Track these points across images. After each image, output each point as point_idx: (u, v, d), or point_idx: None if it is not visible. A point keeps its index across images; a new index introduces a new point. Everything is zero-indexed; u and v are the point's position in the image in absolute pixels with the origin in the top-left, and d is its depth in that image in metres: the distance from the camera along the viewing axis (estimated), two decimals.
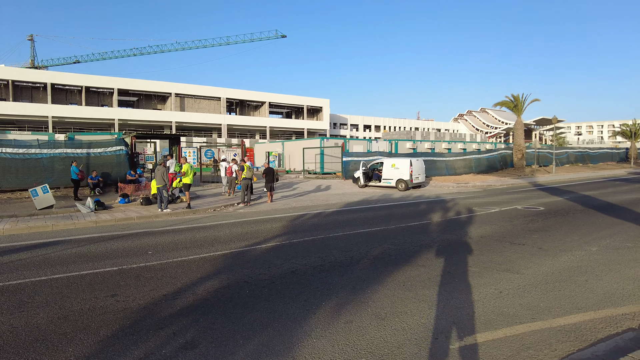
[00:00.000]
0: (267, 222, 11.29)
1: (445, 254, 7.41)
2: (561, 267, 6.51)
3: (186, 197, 13.74)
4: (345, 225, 10.50)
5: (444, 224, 10.58)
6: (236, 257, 7.38)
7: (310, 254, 7.45)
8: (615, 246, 7.89)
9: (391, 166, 21.53)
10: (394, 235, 9.18)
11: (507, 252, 7.50)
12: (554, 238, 8.67)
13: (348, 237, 9.03)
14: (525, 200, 15.51)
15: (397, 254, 7.40)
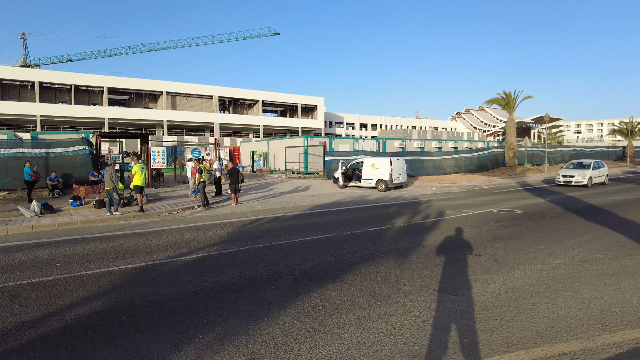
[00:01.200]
0: (215, 227, 10.38)
1: (384, 267, 6.48)
2: (512, 285, 5.58)
3: (139, 199, 12.84)
4: (296, 232, 9.58)
5: (403, 230, 9.65)
6: (147, 271, 6.47)
7: (231, 268, 6.53)
8: (582, 258, 6.94)
9: (371, 166, 20.59)
10: (342, 243, 8.26)
11: (456, 265, 6.57)
12: (518, 248, 7.73)
13: (289, 246, 8.11)
14: (505, 202, 14.55)
15: (329, 268, 6.48)
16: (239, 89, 68.48)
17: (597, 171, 21.15)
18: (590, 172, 20.36)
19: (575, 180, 19.99)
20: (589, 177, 20.07)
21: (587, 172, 20.25)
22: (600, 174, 21.48)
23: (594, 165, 21.20)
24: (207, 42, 71.76)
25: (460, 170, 30.65)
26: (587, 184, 19.85)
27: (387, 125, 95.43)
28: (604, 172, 21.81)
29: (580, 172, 20.24)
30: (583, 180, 19.82)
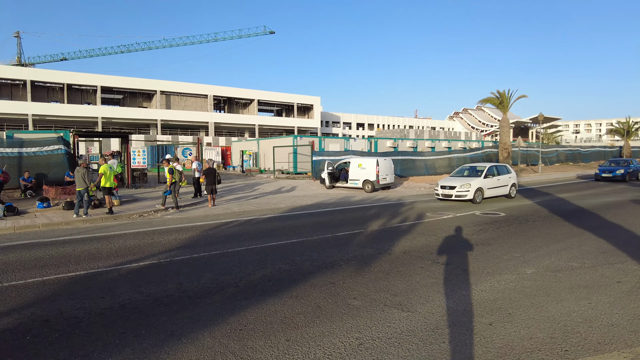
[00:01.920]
0: (180, 231, 9.86)
1: (340, 277, 5.95)
2: (474, 299, 5.05)
3: (107, 200, 12.32)
4: (262, 237, 9.05)
5: (376, 234, 9.13)
6: (83, 281, 5.96)
7: (174, 279, 6.01)
8: (557, 267, 6.42)
9: (358, 166, 20.06)
10: (305, 249, 7.74)
11: (419, 276, 6.04)
12: (491, 255, 7.21)
13: (247, 253, 7.59)
14: (489, 204, 14.03)
15: (280, 279, 5.96)
16: (234, 88, 67.92)
17: (492, 180, 15.19)
18: (480, 181, 14.67)
19: (457, 192, 14.34)
20: (477, 189, 14.34)
21: (474, 182, 14.50)
22: (500, 183, 15.49)
23: (488, 172, 15.24)
24: (202, 41, 71.26)
25: (452, 170, 30.08)
26: (472, 199, 14.21)
27: (384, 125, 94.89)
28: (506, 180, 15.80)
29: (465, 182, 14.53)
30: (467, 193, 14.19)
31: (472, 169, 16.22)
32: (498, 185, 15.45)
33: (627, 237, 8.50)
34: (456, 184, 14.59)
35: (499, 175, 15.68)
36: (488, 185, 15.01)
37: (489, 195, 14.98)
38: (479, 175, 15.21)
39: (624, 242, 8.09)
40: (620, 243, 7.98)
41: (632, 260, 6.74)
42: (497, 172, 15.73)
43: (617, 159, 25.75)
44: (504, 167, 16.58)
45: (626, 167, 23.77)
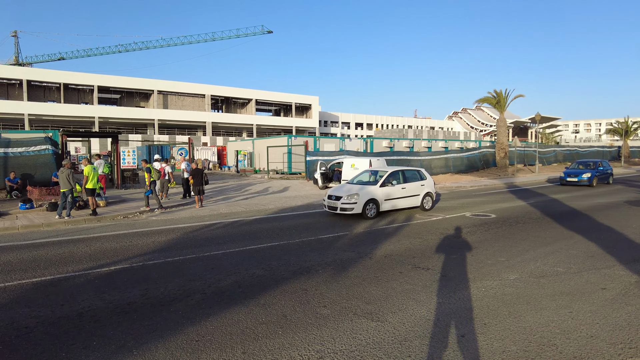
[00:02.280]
0: (160, 233, 9.61)
1: (314, 283, 5.71)
2: (448, 308, 4.81)
3: (90, 201, 12.07)
4: (242, 240, 8.81)
5: (360, 237, 8.88)
6: (46, 287, 5.71)
7: (141, 284, 5.77)
8: (541, 272, 6.17)
9: (351, 166, 19.77)
10: (284, 253, 7.50)
11: (396, 281, 5.80)
12: (475, 260, 6.96)
13: (223, 257, 7.35)
14: (482, 205, 13.78)
15: (250, 285, 5.71)
16: (231, 88, 67.71)
17: (393, 188, 11.88)
18: (373, 191, 11.42)
19: (342, 205, 11.10)
20: (368, 201, 11.11)
21: (364, 192, 11.25)
22: (406, 192, 12.11)
23: (388, 179, 11.92)
24: (199, 41, 71.04)
25: (449, 170, 29.87)
26: (362, 213, 11.13)
27: (383, 124, 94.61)
28: (416, 189, 12.44)
29: (353, 192, 11.23)
30: (353, 206, 10.93)
31: (374, 174, 12.93)
32: (404, 195, 12.15)
33: (617, 240, 8.26)
34: (343, 194, 11.38)
35: (406, 182, 12.35)
36: (387, 195, 11.73)
37: (389, 207, 11.81)
38: (372, 184, 12.06)
39: (614, 245, 7.84)
40: (609, 246, 7.73)
41: (620, 265, 6.49)
42: (403, 179, 12.40)
43: (585, 161, 22.38)
44: (416, 172, 13.19)
45: (594, 169, 20.73)
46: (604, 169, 21.42)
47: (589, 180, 19.97)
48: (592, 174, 20.15)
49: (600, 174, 20.88)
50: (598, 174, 20.65)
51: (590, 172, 20.28)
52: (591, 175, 20.11)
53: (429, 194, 12.94)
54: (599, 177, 20.73)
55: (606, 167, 21.89)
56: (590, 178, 20.03)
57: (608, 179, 21.76)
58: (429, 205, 12.86)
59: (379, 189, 11.68)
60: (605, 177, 21.50)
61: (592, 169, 20.90)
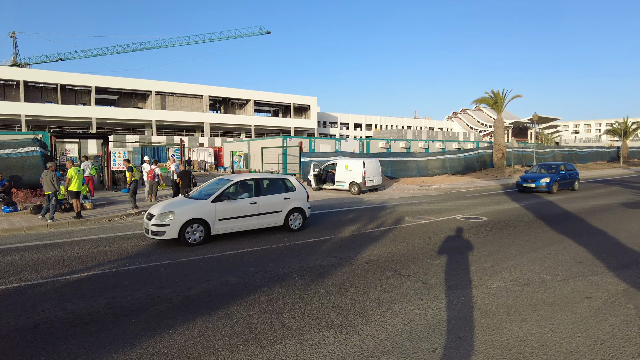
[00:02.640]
0: (143, 237, 9.36)
1: (287, 292, 5.47)
2: (423, 320, 4.57)
3: (74, 204, 11.85)
4: (225, 244, 8.58)
5: (345, 241, 8.64)
6: (8, 296, 5.48)
7: (108, 292, 5.54)
8: (526, 280, 5.93)
9: (344, 168, 19.59)
10: (263, 259, 7.27)
11: (373, 289, 5.56)
12: (459, 265, 6.72)
13: (200, 262, 7.11)
14: (475, 208, 13.53)
15: (221, 294, 5.48)
16: (229, 89, 67.51)
17: (237, 204, 9.09)
18: (197, 208, 8.58)
19: (154, 228, 8.27)
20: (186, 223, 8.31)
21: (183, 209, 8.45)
22: (259, 209, 9.35)
23: (226, 193, 9.06)
24: (197, 41, 70.87)
25: (445, 171, 29.63)
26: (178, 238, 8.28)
27: (383, 125, 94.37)
28: (279, 204, 9.71)
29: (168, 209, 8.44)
30: (165, 229, 8.17)
31: (223, 183, 9.51)
32: (254, 212, 9.24)
33: (609, 245, 8.01)
34: (155, 212, 8.49)
35: (261, 195, 9.47)
36: (225, 212, 8.82)
37: (228, 229, 8.92)
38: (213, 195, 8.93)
39: (605, 250, 7.60)
40: (600, 251, 7.48)
41: (609, 271, 6.25)
42: (256, 191, 9.49)
43: (547, 164, 19.99)
44: (280, 181, 10.23)
45: (554, 174, 18.18)
46: (567, 173, 18.94)
47: (548, 185, 17.59)
48: (551, 179, 17.71)
49: (562, 178, 18.45)
50: (559, 178, 18.22)
51: (550, 177, 17.80)
52: (550, 180, 17.64)
53: (297, 210, 9.97)
54: (560, 182, 18.25)
55: (570, 171, 19.40)
56: (549, 183, 17.59)
57: (572, 184, 19.26)
58: (297, 224, 9.92)
59: (209, 205, 8.70)
60: (568, 183, 19.00)
61: (552, 172, 18.51)
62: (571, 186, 19.23)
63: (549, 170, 19.06)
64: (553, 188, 17.73)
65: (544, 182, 17.72)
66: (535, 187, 17.88)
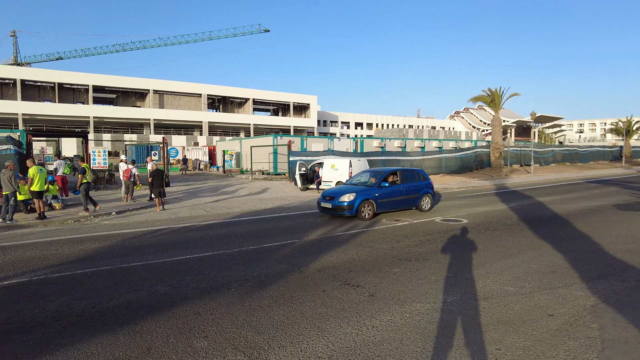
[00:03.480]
0: (96, 240, 8.85)
1: (215, 305, 4.89)
2: (353, 341, 3.97)
3: (36, 205, 11.37)
4: (177, 248, 8.03)
5: (307, 245, 8.06)
6: None
7: (21, 303, 5.00)
8: (488, 292, 5.31)
9: (331, 167, 18.99)
10: (207, 266, 6.70)
11: (312, 302, 4.97)
12: (417, 275, 6.11)
13: (140, 269, 6.56)
14: (459, 209, 12.87)
15: (141, 307, 4.91)
16: (228, 87, 67.05)
17: None
18: None
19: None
20: None
21: None
22: None
23: None
24: (196, 40, 70.60)
25: (441, 171, 28.90)
26: None
27: (384, 124, 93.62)
28: None
29: None
30: None
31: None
32: None
33: (590, 251, 7.36)
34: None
35: None
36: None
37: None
38: None
39: (584, 257, 6.95)
40: (578, 259, 6.83)
41: (582, 283, 5.61)
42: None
43: (375, 170, 13.00)
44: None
45: (369, 188, 11.36)
46: (402, 187, 11.97)
47: (351, 207, 10.69)
48: (357, 196, 10.82)
49: (389, 194, 11.52)
50: (378, 195, 11.24)
51: (355, 193, 10.89)
52: (356, 197, 10.78)
53: None
54: (381, 200, 11.32)
55: (411, 182, 12.35)
56: (352, 203, 10.70)
57: (415, 202, 12.26)
58: None
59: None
60: (405, 201, 11.98)
61: (370, 185, 11.67)
62: (414, 205, 12.29)
63: (373, 177, 12.31)
64: (362, 210, 10.82)
65: (345, 201, 10.76)
66: (333, 208, 10.96)
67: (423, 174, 13.31)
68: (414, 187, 12.41)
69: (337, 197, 11.10)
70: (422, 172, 13.45)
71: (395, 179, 12.27)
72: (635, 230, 9.22)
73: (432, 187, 13.09)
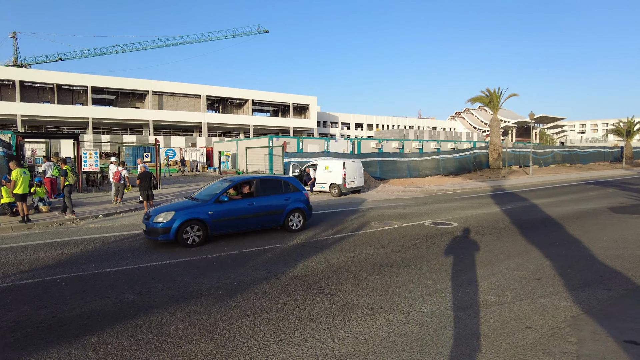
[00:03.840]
0: (75, 244, 8.67)
1: (181, 314, 4.68)
2: (314, 355, 3.77)
3: (19, 208, 11.19)
4: (155, 253, 7.84)
5: (289, 250, 7.86)
6: None
7: None
8: (466, 302, 5.09)
9: (325, 169, 18.80)
10: (180, 273, 6.50)
11: (280, 313, 4.77)
12: (396, 282, 5.90)
13: (112, 275, 6.38)
14: (451, 212, 12.65)
15: (103, 316, 4.72)
16: (228, 88, 66.97)
17: None
18: None
19: None
20: None
21: None
22: None
23: None
24: (195, 41, 70.51)
25: (438, 172, 28.66)
26: None
27: (384, 125, 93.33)
28: None
29: None
30: None
31: None
32: None
33: (579, 257, 7.13)
34: None
35: None
36: None
37: None
38: None
39: (571, 264, 6.72)
40: (565, 265, 6.61)
41: (566, 291, 5.39)
42: None
43: (228, 180, 10.08)
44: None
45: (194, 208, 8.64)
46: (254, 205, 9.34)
47: (166, 231, 8.16)
48: (175, 217, 8.27)
49: (224, 214, 8.83)
50: (213, 213, 8.64)
51: (174, 212, 8.37)
52: (174, 218, 8.25)
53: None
54: (216, 221, 8.68)
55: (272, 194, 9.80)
56: (167, 226, 8.16)
57: (280, 220, 9.74)
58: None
59: None
60: (254, 220, 9.36)
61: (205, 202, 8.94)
62: (276, 223, 9.71)
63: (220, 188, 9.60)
64: (184, 233, 8.28)
65: (160, 222, 8.26)
66: (147, 231, 8.48)
67: (295, 183, 10.50)
68: (275, 201, 9.68)
69: (153, 216, 8.40)
70: (294, 182, 10.56)
71: (251, 191, 9.62)
72: (629, 234, 8.98)
73: (306, 200, 10.27)
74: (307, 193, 10.54)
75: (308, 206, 10.35)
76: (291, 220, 9.90)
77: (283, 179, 10.55)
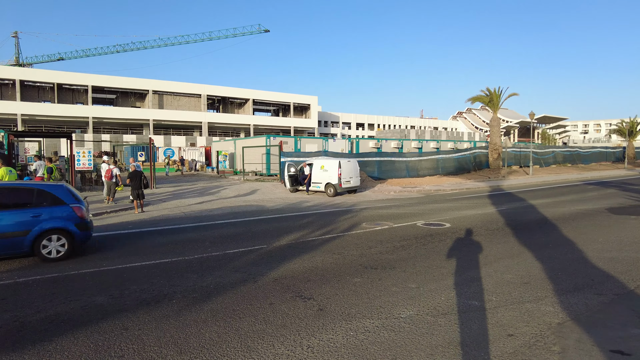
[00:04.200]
0: None
1: (146, 319, 4.49)
2: None
3: None
4: (142, 254, 7.66)
5: (274, 251, 7.65)
6: None
7: None
8: (448, 307, 4.87)
9: (320, 168, 18.58)
10: (158, 274, 6.31)
11: (251, 318, 4.56)
12: (378, 286, 5.68)
13: (90, 275, 6.20)
14: (445, 212, 12.41)
15: (70, 319, 4.53)
16: (228, 88, 66.86)
17: None
18: None
19: None
20: None
21: None
22: None
23: None
24: (196, 40, 70.50)
25: (437, 172, 28.36)
26: None
27: (386, 125, 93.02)
28: None
29: None
30: None
31: None
32: None
33: (571, 260, 6.89)
34: None
35: None
36: None
37: None
38: None
39: (563, 267, 6.48)
40: (556, 268, 6.37)
41: (554, 296, 5.16)
42: None
43: None
44: None
45: None
46: None
47: None
48: None
49: None
50: None
51: None
52: None
53: None
54: None
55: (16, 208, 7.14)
56: None
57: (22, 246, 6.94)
58: None
59: None
60: None
61: None
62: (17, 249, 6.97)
63: None
64: None
65: None
66: None
67: (59, 194, 7.53)
68: (11, 219, 6.94)
69: None
70: (58, 192, 7.56)
71: None
72: (624, 236, 8.72)
73: (74, 217, 7.39)
74: (79, 207, 7.54)
75: (80, 225, 7.41)
76: (46, 247, 7.08)
77: (37, 187, 7.57)
